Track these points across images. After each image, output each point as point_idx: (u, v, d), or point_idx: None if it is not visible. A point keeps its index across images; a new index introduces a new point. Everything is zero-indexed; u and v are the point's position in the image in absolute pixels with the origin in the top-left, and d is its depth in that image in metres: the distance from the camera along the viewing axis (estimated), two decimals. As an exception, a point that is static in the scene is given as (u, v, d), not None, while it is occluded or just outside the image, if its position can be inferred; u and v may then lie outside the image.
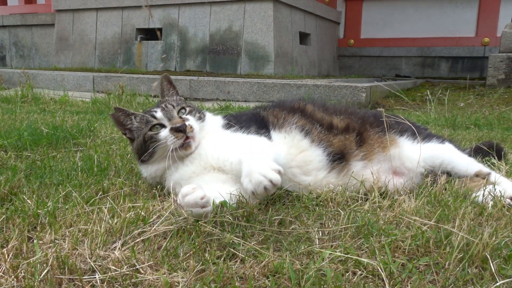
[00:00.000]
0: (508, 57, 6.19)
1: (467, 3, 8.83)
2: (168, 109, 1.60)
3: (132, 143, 1.68)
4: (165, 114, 1.58)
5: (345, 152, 1.62)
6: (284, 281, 1.00)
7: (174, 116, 1.58)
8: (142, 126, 1.61)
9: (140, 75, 6.23)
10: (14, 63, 10.17)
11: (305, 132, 1.62)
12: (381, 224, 1.28)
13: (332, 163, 1.60)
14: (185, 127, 1.52)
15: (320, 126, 1.66)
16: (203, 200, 1.23)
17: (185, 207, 1.24)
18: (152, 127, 1.57)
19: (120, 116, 1.65)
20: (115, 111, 1.65)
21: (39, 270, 1.00)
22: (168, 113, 1.58)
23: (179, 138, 1.51)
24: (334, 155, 1.60)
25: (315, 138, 1.61)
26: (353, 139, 1.66)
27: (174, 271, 1.03)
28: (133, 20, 8.20)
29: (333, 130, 1.67)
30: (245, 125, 1.61)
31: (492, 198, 1.47)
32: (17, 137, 2.36)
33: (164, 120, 1.57)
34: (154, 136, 1.55)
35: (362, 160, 1.64)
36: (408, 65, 9.54)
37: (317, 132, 1.63)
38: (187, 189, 1.25)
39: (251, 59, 7.23)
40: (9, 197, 1.52)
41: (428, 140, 1.74)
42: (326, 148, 1.60)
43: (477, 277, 1.00)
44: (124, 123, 1.66)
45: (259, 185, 1.18)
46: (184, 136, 1.52)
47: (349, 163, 1.62)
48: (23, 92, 5.12)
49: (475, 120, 3.82)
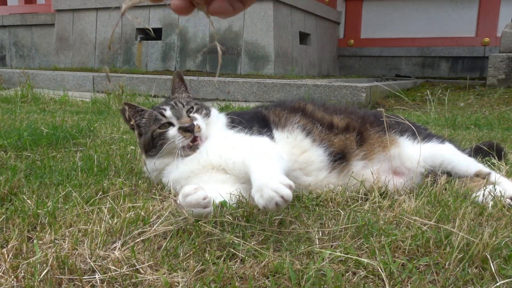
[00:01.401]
0: (508, 57, 6.19)
1: (467, 3, 8.83)
2: (177, 108, 1.62)
3: (139, 137, 1.70)
4: (174, 112, 1.60)
5: (345, 152, 1.62)
6: (284, 281, 1.00)
7: (183, 115, 1.59)
8: (150, 123, 1.63)
9: (140, 75, 6.23)
10: (14, 63, 10.16)
11: (306, 131, 1.62)
12: (381, 224, 1.28)
13: (333, 163, 1.60)
14: (194, 127, 1.55)
15: (320, 125, 1.66)
16: (205, 200, 1.23)
17: (186, 207, 1.24)
18: (161, 125, 1.59)
19: (129, 112, 1.67)
20: (124, 106, 1.67)
21: (39, 270, 1.00)
22: (177, 112, 1.60)
23: (187, 137, 1.54)
24: (335, 155, 1.60)
25: (316, 138, 1.61)
26: (353, 139, 1.66)
27: (174, 271, 1.03)
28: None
29: (334, 129, 1.67)
30: (247, 125, 1.62)
31: (492, 198, 1.47)
32: (17, 137, 2.36)
33: (173, 119, 1.59)
34: (163, 134, 1.57)
35: (363, 160, 1.64)
36: (408, 65, 9.54)
37: (318, 132, 1.63)
38: (189, 189, 1.24)
39: (251, 59, 7.23)
40: (9, 197, 1.52)
41: (428, 140, 1.74)
42: (327, 148, 1.60)
43: (477, 277, 1.00)
44: (133, 118, 1.68)
45: (271, 201, 1.17)
46: (192, 136, 1.55)
47: (349, 163, 1.62)
48: (23, 92, 5.12)
49: (475, 120, 3.82)
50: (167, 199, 1.52)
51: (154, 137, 1.59)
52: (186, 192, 1.24)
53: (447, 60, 9.14)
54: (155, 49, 8.05)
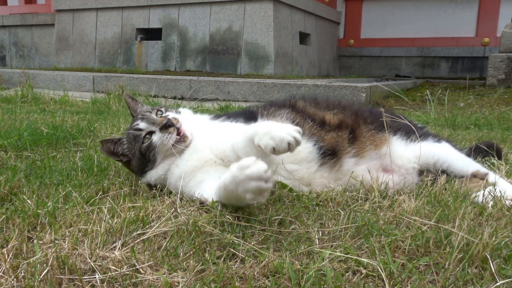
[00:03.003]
0: (508, 57, 6.19)
1: (467, 3, 8.83)
2: (147, 116, 1.64)
3: (129, 164, 1.69)
4: (147, 121, 1.61)
5: (337, 149, 1.62)
6: (284, 281, 1.00)
7: (156, 119, 1.61)
8: (132, 144, 1.63)
9: (140, 75, 6.23)
10: (14, 63, 10.17)
11: (295, 124, 1.59)
12: (381, 224, 1.28)
13: (323, 158, 1.59)
14: (171, 121, 1.57)
15: (312, 121, 1.66)
16: (267, 174, 1.14)
17: (247, 180, 1.15)
18: (143, 139, 1.59)
19: (109, 146, 1.66)
20: (102, 144, 1.66)
21: (39, 270, 1.00)
22: (149, 119, 1.62)
23: (172, 132, 1.56)
24: (326, 151, 1.59)
25: (306, 132, 1.60)
26: (345, 137, 1.65)
27: (174, 271, 1.03)
28: (133, 20, 8.20)
29: (326, 126, 1.66)
30: (233, 116, 1.66)
31: (492, 198, 1.47)
32: (17, 137, 2.36)
33: (150, 127, 1.60)
34: (150, 145, 1.57)
35: (354, 157, 1.64)
36: (408, 65, 9.54)
37: (308, 126, 1.63)
38: (248, 161, 1.15)
39: (251, 59, 7.23)
40: (9, 197, 1.52)
41: (424, 139, 1.73)
42: (317, 142, 1.59)
43: (477, 277, 1.00)
44: (115, 151, 1.67)
45: (282, 141, 1.15)
46: (175, 129, 1.56)
47: (340, 160, 1.62)
48: (23, 92, 5.12)
49: (475, 120, 3.82)
50: (167, 199, 1.52)
51: (143, 153, 1.59)
52: (246, 164, 1.15)
53: (447, 60, 9.14)
54: (155, 49, 8.05)
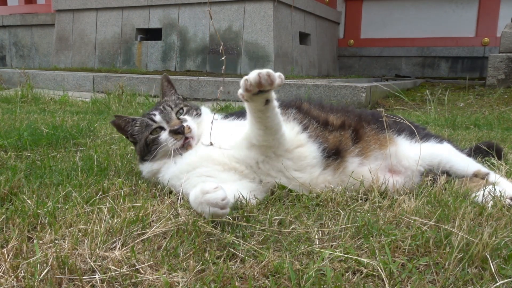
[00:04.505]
0: (508, 57, 6.19)
1: (467, 3, 8.83)
2: (166, 111, 1.66)
3: (135, 145, 1.75)
4: (163, 116, 1.64)
5: (340, 149, 1.61)
6: (284, 281, 1.00)
7: (172, 118, 1.63)
8: (142, 130, 1.68)
9: (140, 75, 6.23)
10: (14, 63, 10.17)
11: (303, 126, 1.61)
12: (381, 224, 1.28)
13: (327, 160, 1.58)
14: (183, 128, 1.57)
15: (316, 122, 1.66)
16: (223, 201, 1.22)
17: (205, 203, 1.22)
18: (152, 131, 1.63)
19: (120, 123, 1.73)
20: (115, 118, 1.73)
21: (39, 270, 1.00)
22: (167, 116, 1.64)
23: (178, 139, 1.58)
24: (329, 151, 1.59)
25: (312, 134, 1.60)
26: (348, 136, 1.65)
27: (174, 271, 1.03)
28: (133, 20, 8.20)
29: (329, 126, 1.66)
30: (241, 116, 1.66)
31: (492, 198, 1.47)
32: (17, 137, 2.36)
33: (163, 123, 1.63)
34: (155, 139, 1.61)
35: (358, 157, 1.63)
36: (408, 65, 9.54)
37: (313, 128, 1.63)
38: (208, 187, 1.23)
39: (251, 59, 7.23)
40: (9, 197, 1.52)
41: (426, 140, 1.74)
42: (321, 144, 1.59)
43: (477, 277, 1.00)
44: (125, 129, 1.74)
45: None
46: (183, 137, 1.58)
47: (344, 160, 1.61)
48: (23, 92, 5.12)
49: (475, 120, 3.82)
50: (167, 199, 1.52)
51: (147, 143, 1.64)
52: (206, 189, 1.23)
53: (447, 60, 9.14)
54: (155, 49, 8.05)
